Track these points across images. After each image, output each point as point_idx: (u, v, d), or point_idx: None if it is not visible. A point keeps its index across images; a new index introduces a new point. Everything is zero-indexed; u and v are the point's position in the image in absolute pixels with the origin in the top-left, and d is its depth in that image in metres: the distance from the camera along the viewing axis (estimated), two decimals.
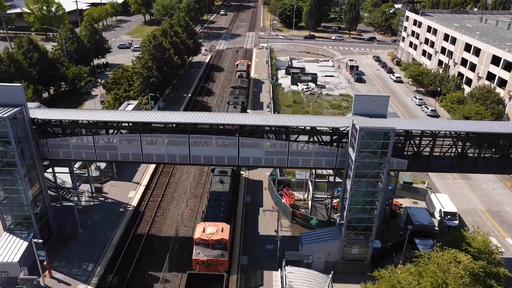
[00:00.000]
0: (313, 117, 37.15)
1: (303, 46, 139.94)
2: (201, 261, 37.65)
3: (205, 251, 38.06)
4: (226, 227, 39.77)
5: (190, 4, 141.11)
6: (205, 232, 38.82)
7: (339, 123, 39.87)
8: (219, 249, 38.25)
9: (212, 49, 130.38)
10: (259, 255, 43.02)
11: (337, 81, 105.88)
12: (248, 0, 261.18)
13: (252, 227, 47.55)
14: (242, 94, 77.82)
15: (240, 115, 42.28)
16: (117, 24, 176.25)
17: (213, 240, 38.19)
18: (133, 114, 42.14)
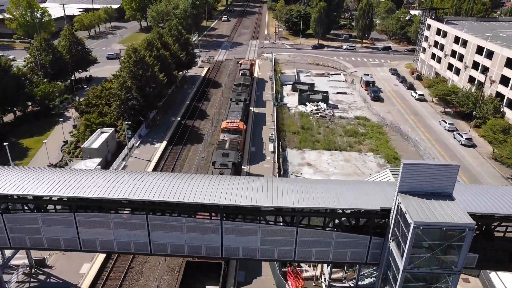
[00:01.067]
0: (334, 185, 24.78)
1: (312, 56, 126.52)
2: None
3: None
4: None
5: (187, 10, 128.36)
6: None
7: (374, 202, 26.10)
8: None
9: (210, 60, 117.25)
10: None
11: (351, 99, 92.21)
12: (252, 6, 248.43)
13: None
14: (245, 92, 75.70)
15: (227, 182, 28.61)
16: (110, 31, 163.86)
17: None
18: (67, 175, 28.67)
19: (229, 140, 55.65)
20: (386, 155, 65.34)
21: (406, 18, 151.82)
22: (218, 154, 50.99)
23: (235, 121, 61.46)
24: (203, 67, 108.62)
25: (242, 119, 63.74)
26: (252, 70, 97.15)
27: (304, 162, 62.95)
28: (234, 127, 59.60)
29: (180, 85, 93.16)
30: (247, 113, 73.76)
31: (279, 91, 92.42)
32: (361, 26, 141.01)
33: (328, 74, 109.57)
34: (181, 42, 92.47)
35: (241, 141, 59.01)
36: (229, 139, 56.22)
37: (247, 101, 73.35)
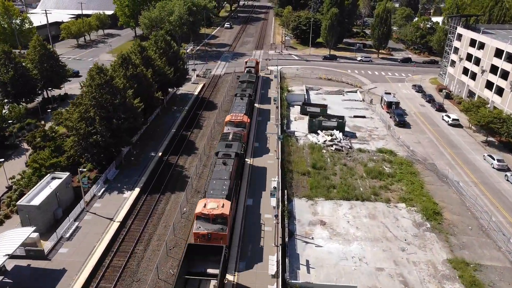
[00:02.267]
0: None
1: (323, 70, 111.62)
2: (201, 235, 37.95)
3: (205, 225, 38.18)
4: (227, 203, 39.77)
5: (183, 17, 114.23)
6: (206, 208, 38.74)
7: None
8: (220, 224, 38.24)
9: (207, 74, 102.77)
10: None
11: (371, 124, 77.09)
12: (258, 11, 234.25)
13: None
14: (250, 88, 76.71)
15: None
16: (102, 39, 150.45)
17: (214, 214, 38.19)
18: None
19: (233, 132, 56.20)
20: (424, 208, 50.13)
21: (427, 26, 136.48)
22: (221, 145, 51.51)
23: (239, 114, 61.81)
24: (197, 83, 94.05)
25: (246, 113, 63.68)
26: (258, 68, 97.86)
27: (316, 220, 47.93)
28: (238, 120, 59.98)
29: (168, 106, 78.72)
30: (252, 108, 74.32)
31: (286, 115, 77.45)
32: (377, 34, 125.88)
33: (342, 92, 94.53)
34: (169, 56, 78.02)
35: (245, 134, 58.82)
36: (233, 131, 56.75)
37: (252, 97, 73.95)
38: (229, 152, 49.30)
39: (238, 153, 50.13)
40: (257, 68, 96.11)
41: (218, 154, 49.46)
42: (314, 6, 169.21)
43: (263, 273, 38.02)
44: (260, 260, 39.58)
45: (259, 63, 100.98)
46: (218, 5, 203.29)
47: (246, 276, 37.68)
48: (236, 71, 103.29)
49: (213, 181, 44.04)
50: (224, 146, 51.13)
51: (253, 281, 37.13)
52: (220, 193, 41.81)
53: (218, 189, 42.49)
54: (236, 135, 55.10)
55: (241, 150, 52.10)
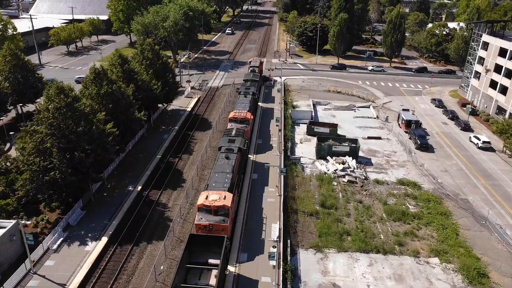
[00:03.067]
0: None
1: (331, 81, 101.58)
2: (203, 226, 38.01)
3: (207, 217, 38.23)
4: (228, 195, 39.77)
5: (179, 23, 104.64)
6: (208, 199, 38.84)
7: None
8: (221, 215, 38.29)
9: (203, 86, 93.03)
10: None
11: (388, 147, 66.85)
12: (262, 16, 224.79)
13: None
14: (254, 86, 76.82)
15: None
16: (96, 46, 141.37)
17: (215, 206, 38.33)
18: None
19: (236, 128, 56.74)
20: (463, 266, 39.73)
21: (443, 33, 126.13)
22: (224, 140, 52.00)
23: (242, 111, 62.14)
24: (191, 96, 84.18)
25: (249, 110, 63.68)
26: (261, 68, 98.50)
27: (327, 283, 37.69)
28: (242, 117, 60.28)
29: (155, 125, 68.87)
30: (255, 106, 74.50)
31: (290, 137, 67.27)
32: (390, 42, 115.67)
33: (354, 107, 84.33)
34: (157, 68, 68.28)
35: (248, 130, 59.18)
36: (236, 127, 57.32)
37: (255, 96, 74.18)
38: (231, 147, 49.55)
39: (241, 148, 50.38)
40: (260, 68, 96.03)
41: (221, 149, 49.73)
42: (320, 11, 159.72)
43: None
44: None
45: (263, 63, 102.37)
46: (220, 10, 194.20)
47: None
48: (235, 82, 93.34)
49: (215, 174, 44.06)
50: (227, 141, 51.53)
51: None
52: (222, 186, 41.70)
53: (220, 182, 42.37)
54: (239, 131, 55.50)
55: (244, 145, 52.48)
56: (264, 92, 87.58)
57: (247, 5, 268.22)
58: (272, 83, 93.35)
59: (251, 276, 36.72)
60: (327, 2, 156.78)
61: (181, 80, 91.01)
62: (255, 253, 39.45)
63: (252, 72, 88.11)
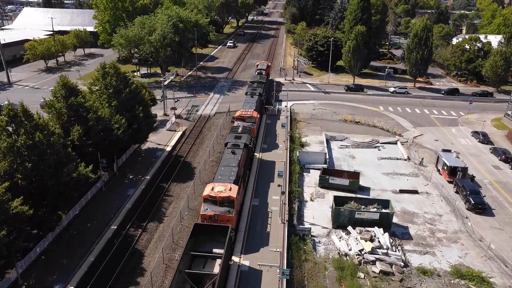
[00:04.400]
0: None
1: (347, 106, 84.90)
2: (208, 216, 38.40)
3: (212, 207, 38.66)
4: (234, 187, 40.40)
5: (167, 36, 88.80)
6: (214, 190, 39.39)
7: None
8: (227, 206, 38.73)
9: (192, 113, 76.75)
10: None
11: (429, 206, 49.74)
12: (267, 28, 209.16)
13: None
14: (260, 87, 75.98)
15: None
16: (80, 60, 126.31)
17: (221, 197, 38.77)
18: None
19: (242, 125, 56.60)
20: None
21: (475, 48, 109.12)
22: (231, 136, 52.28)
23: (249, 110, 62.34)
24: (174, 130, 67.78)
25: (256, 110, 63.37)
26: (268, 71, 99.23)
27: None
28: (248, 115, 60.49)
29: (121, 174, 52.46)
30: (262, 106, 73.61)
31: (297, 193, 50.27)
32: (415, 59, 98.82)
33: (377, 143, 67.44)
34: (124, 98, 52.03)
35: (254, 128, 58.83)
36: (242, 124, 57.15)
37: (262, 97, 73.94)
38: (238, 143, 49.93)
39: (247, 144, 50.54)
40: (267, 71, 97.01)
41: (228, 144, 50.17)
42: (332, 22, 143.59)
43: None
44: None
45: (270, 66, 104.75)
46: (222, 21, 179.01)
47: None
48: (231, 109, 76.82)
49: (221, 167, 44.38)
50: (233, 137, 51.74)
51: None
52: (228, 179, 41.88)
53: (226, 174, 42.62)
54: (245, 128, 55.46)
55: (250, 142, 52.53)
56: (265, 125, 70.76)
57: (252, 16, 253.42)
58: (275, 111, 76.59)
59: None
60: (339, 13, 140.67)
61: (165, 107, 74.86)
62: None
63: (259, 74, 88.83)
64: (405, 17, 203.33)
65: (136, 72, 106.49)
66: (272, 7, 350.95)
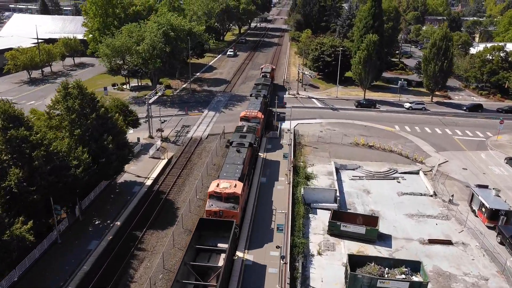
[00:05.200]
0: None
1: (358, 126, 74.97)
2: (213, 212, 38.69)
3: (217, 203, 39.06)
4: (239, 184, 40.80)
5: (157, 46, 79.44)
6: (219, 187, 39.83)
7: None
8: (231, 202, 39.14)
9: (181, 135, 67.02)
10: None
11: (469, 265, 39.55)
12: (271, 35, 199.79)
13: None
14: (265, 89, 76.52)
15: None
16: (69, 71, 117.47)
17: (226, 193, 39.22)
18: None
19: (247, 125, 56.87)
20: None
21: (499, 58, 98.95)
22: (236, 135, 52.72)
23: (253, 110, 62.65)
24: (159, 157, 58.04)
25: (260, 111, 63.66)
26: (273, 74, 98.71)
27: None
28: (253, 116, 60.97)
29: (85, 219, 42.64)
30: (266, 108, 73.81)
31: (301, 245, 40.14)
32: (433, 71, 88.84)
33: (395, 173, 57.36)
34: (90, 124, 42.35)
35: (259, 128, 58.96)
36: (247, 124, 57.45)
37: (266, 99, 74.49)
38: (243, 141, 50.15)
39: (252, 143, 50.91)
40: (272, 74, 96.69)
41: (232, 143, 50.55)
42: (340, 30, 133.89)
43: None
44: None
45: (274, 69, 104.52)
46: (223, 28, 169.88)
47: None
48: (226, 130, 66.98)
49: (226, 165, 44.77)
50: (238, 136, 51.89)
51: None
52: (233, 176, 42.18)
53: (231, 172, 43.02)
54: (250, 128, 55.55)
55: (255, 142, 52.73)
56: (265, 151, 60.80)
57: (256, 22, 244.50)
58: (277, 134, 66.60)
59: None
60: (347, 20, 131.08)
61: (150, 128, 65.24)
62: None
63: (263, 77, 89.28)
64: (415, 24, 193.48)
65: (125, 84, 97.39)
66: (276, 14, 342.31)
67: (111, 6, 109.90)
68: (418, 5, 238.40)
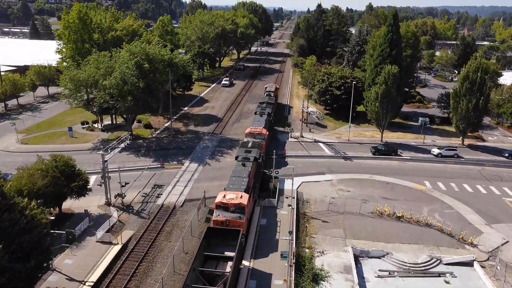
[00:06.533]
0: None
1: (378, 183, 58.85)
2: (220, 221, 39.60)
3: (224, 213, 40.10)
4: (245, 195, 41.74)
5: (129, 80, 64.35)
6: (225, 198, 41.02)
7: None
8: (237, 213, 40.12)
9: (149, 201, 50.77)
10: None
11: None
12: (271, 60, 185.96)
13: None
14: (269, 107, 77.72)
15: None
16: (40, 103, 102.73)
17: (232, 203, 40.39)
18: None
19: (252, 141, 58.36)
20: None
21: None
22: (241, 151, 53.75)
23: (258, 127, 64.30)
24: (109, 241, 41.65)
25: (265, 127, 65.11)
26: (277, 93, 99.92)
27: None
28: (257, 132, 62.46)
29: None
30: (271, 125, 74.47)
31: None
32: (465, 109, 73.34)
33: (440, 267, 40.93)
34: None
35: (263, 144, 59.75)
36: (252, 140, 58.91)
37: (270, 117, 74.66)
38: (248, 156, 51.22)
39: (257, 157, 51.80)
40: (276, 93, 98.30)
41: (238, 157, 51.70)
42: (349, 57, 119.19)
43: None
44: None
45: (278, 89, 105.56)
46: (219, 54, 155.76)
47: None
48: (209, 194, 50.84)
49: (232, 178, 46.09)
50: (244, 151, 53.02)
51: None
52: (239, 187, 43.41)
53: (237, 184, 44.28)
54: (255, 143, 56.70)
55: (260, 157, 53.66)
56: (257, 231, 44.43)
57: (256, 46, 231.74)
58: (275, 202, 50.27)
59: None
60: (357, 46, 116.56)
61: (108, 192, 49.28)
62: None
63: (267, 95, 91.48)
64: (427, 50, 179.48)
65: (97, 122, 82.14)
66: (278, 37, 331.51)
67: (87, 31, 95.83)
68: (427, 29, 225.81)
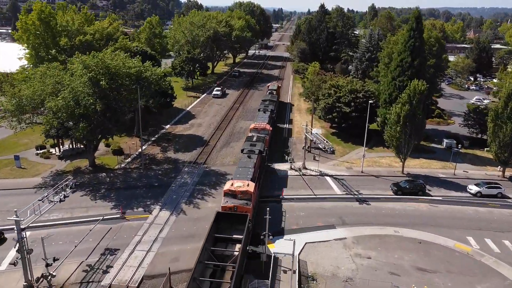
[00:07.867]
0: None
1: (405, 242, 43.90)
2: (228, 208, 41.53)
3: (232, 200, 42.04)
4: (251, 183, 43.63)
5: (83, 101, 49.46)
6: (233, 186, 42.81)
7: None
8: (245, 199, 42.02)
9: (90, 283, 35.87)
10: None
11: None
12: (270, 66, 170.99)
13: None
14: (272, 105, 79.45)
15: None
16: None
17: (239, 191, 42.31)
18: None
19: (257, 135, 59.91)
20: None
21: None
22: (246, 144, 55.95)
23: (262, 123, 65.98)
24: None
25: (268, 123, 67.23)
26: (279, 92, 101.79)
27: None
28: (261, 127, 63.81)
29: None
30: (274, 122, 77.42)
31: None
32: (509, 135, 58.68)
33: None
34: None
35: (267, 139, 61.70)
36: (257, 134, 60.35)
37: (273, 114, 77.58)
38: (253, 149, 53.39)
39: (261, 150, 53.90)
40: (278, 91, 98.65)
41: (243, 150, 53.82)
42: (358, 65, 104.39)
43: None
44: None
45: (280, 87, 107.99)
46: (212, 59, 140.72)
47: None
48: (178, 268, 36.15)
49: (239, 168, 48.16)
50: (249, 145, 55.03)
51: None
52: (246, 177, 45.38)
53: (243, 173, 46.31)
54: (259, 138, 58.62)
55: (264, 150, 55.51)
56: None
57: (254, 49, 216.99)
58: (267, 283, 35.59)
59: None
60: (367, 53, 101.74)
61: (29, 270, 34.37)
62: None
63: (270, 94, 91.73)
64: None
65: (55, 148, 67.25)
66: (277, 39, 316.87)
67: (50, 35, 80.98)
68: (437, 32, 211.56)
